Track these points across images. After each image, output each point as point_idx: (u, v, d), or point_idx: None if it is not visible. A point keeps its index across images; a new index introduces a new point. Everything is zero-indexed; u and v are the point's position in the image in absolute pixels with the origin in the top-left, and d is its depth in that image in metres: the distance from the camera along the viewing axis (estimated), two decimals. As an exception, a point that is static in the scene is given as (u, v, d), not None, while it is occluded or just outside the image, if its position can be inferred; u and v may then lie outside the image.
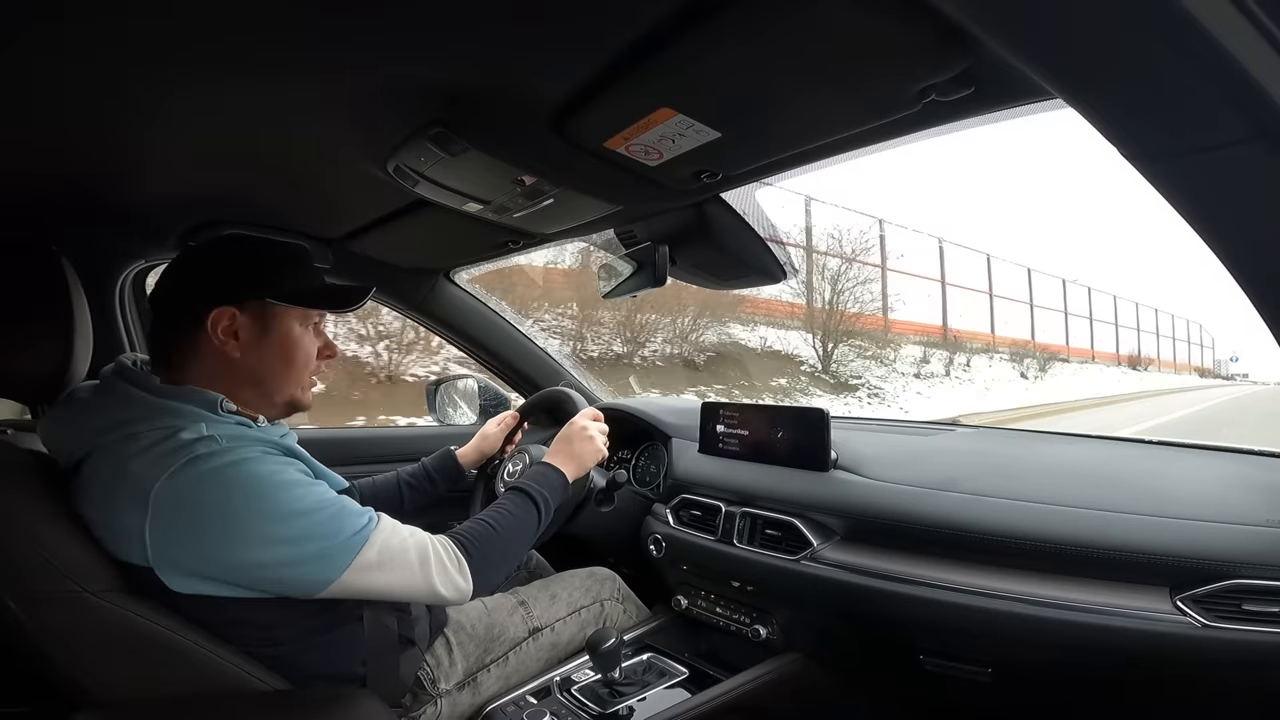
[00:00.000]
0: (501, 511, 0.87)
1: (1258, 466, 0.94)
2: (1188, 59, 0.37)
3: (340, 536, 0.70)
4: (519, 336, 1.61)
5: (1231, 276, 0.49)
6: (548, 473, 0.96)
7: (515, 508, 0.88)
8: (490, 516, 0.86)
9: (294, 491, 0.69)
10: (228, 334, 0.76)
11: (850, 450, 1.11)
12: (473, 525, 0.84)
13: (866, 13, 0.49)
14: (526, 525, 0.88)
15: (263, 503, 0.67)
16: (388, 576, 0.72)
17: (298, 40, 0.55)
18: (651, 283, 1.07)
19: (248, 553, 0.66)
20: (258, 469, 0.68)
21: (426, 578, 0.75)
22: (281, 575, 0.68)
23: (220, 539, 0.66)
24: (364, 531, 0.71)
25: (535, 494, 0.90)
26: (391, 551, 0.73)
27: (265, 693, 0.70)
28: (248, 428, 0.75)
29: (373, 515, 0.74)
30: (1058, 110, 0.58)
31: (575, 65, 0.60)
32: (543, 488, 0.92)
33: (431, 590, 0.75)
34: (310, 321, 0.83)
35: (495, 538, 0.83)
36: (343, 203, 1.03)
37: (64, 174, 0.86)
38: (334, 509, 0.71)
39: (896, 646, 0.96)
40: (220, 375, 0.76)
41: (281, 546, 0.67)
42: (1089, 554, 0.80)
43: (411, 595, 0.77)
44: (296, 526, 0.68)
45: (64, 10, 0.50)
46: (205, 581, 0.67)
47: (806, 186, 10.90)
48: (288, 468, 0.71)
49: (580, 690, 1.05)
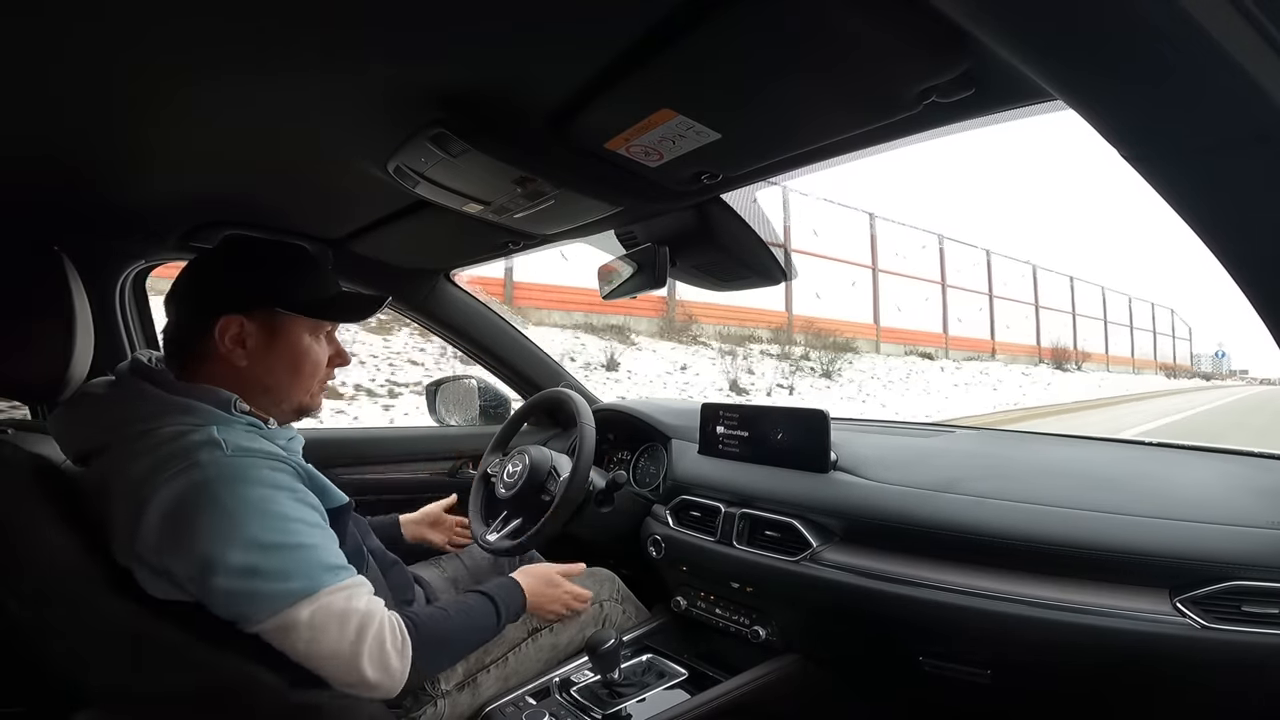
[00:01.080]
0: (463, 606, 0.86)
1: (1258, 468, 0.94)
2: (1188, 59, 0.37)
3: (291, 582, 0.67)
4: (519, 337, 1.61)
5: (1231, 277, 0.49)
6: (515, 591, 0.95)
7: (478, 606, 0.88)
8: (451, 607, 0.85)
9: (278, 523, 0.68)
10: (235, 342, 0.76)
11: (850, 452, 1.11)
12: (430, 610, 0.83)
13: (867, 14, 0.49)
14: (483, 629, 0.87)
15: (242, 526, 0.66)
16: (308, 643, 0.67)
17: (298, 41, 0.56)
18: (651, 284, 1.07)
19: (205, 569, 0.65)
20: (250, 491, 0.67)
21: (355, 651, 0.69)
22: (221, 601, 0.66)
23: (190, 550, 0.65)
24: (316, 583, 0.68)
25: (500, 604, 0.90)
26: (330, 614, 0.68)
27: (265, 692, 0.70)
28: (258, 429, 0.75)
29: (337, 575, 0.70)
30: (1058, 111, 0.58)
31: (576, 66, 0.60)
32: (507, 602, 0.91)
33: (355, 666, 0.69)
34: (322, 330, 0.83)
35: (448, 627, 0.82)
36: (343, 203, 1.03)
37: (66, 175, 0.86)
38: (304, 554, 0.69)
39: (896, 647, 0.96)
40: (229, 380, 0.77)
41: (233, 575, 0.65)
42: (1088, 555, 0.80)
43: (332, 669, 0.69)
44: (261, 557, 0.66)
45: (66, 11, 0.50)
46: (175, 589, 0.67)
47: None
48: (281, 493, 0.70)
49: (580, 691, 1.05)
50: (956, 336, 15.45)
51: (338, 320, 0.84)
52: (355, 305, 0.86)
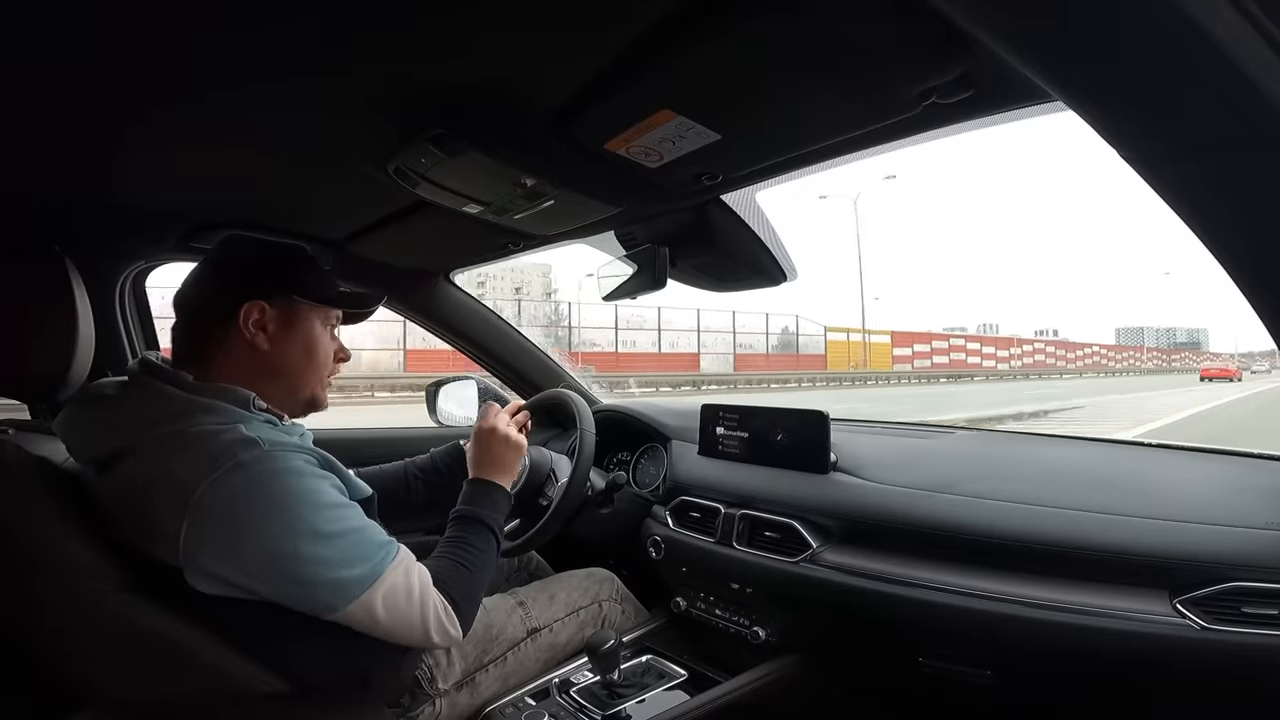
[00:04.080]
0: (471, 551, 0.85)
1: (1257, 469, 0.94)
2: (1187, 60, 0.37)
3: (358, 568, 0.70)
4: (519, 338, 1.61)
5: (1230, 277, 0.50)
6: (491, 493, 0.93)
7: (479, 543, 0.86)
8: (463, 559, 0.84)
9: (331, 512, 0.71)
10: (258, 327, 0.78)
11: (849, 452, 1.11)
12: (451, 571, 0.81)
13: (866, 15, 0.49)
14: (491, 559, 0.88)
15: (302, 519, 0.68)
16: (388, 620, 0.72)
17: (299, 41, 0.56)
18: (651, 285, 1.07)
19: (279, 565, 0.67)
20: (299, 484, 0.69)
21: (424, 619, 0.74)
22: (299, 594, 0.69)
23: (256, 548, 0.66)
24: (380, 564, 0.72)
25: (491, 523, 0.89)
26: (396, 591, 0.72)
27: (266, 692, 0.70)
28: (274, 425, 0.76)
29: (389, 551, 0.74)
30: (1058, 112, 0.58)
31: (576, 66, 0.60)
32: (494, 512, 0.91)
33: (426, 633, 0.75)
34: (329, 323, 0.86)
35: (472, 580, 0.83)
36: (343, 204, 1.04)
37: (67, 176, 0.87)
38: (360, 536, 0.72)
39: (895, 648, 0.96)
40: (248, 369, 0.78)
41: (308, 566, 0.68)
42: (1088, 556, 0.80)
43: (407, 637, 0.75)
44: (328, 548, 0.69)
45: (65, 12, 0.50)
46: (230, 587, 0.68)
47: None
48: (324, 482, 0.72)
49: (579, 692, 1.05)
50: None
51: (349, 309, 0.88)
52: (357, 300, 0.90)
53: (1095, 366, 45.53)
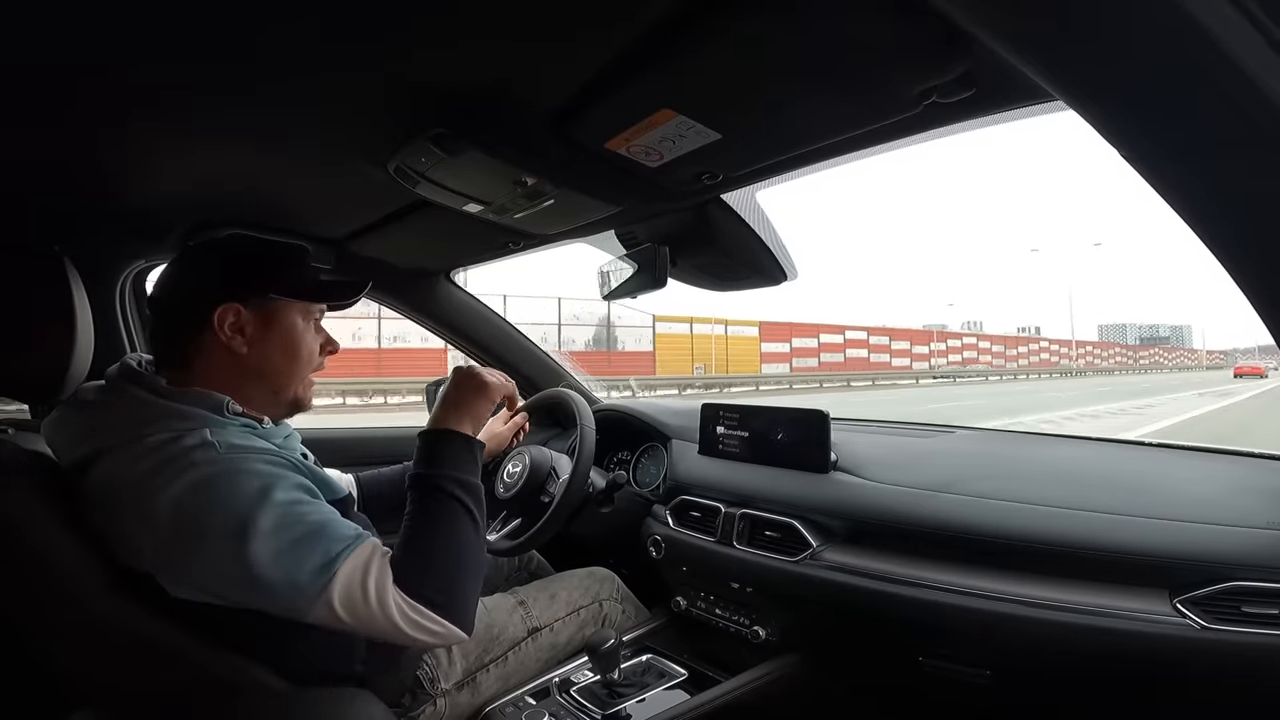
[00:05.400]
0: (433, 530, 0.75)
1: (1257, 469, 0.94)
2: (1188, 59, 0.37)
3: (309, 566, 0.65)
4: (519, 337, 1.61)
5: (1230, 277, 0.49)
6: (450, 444, 0.80)
7: (443, 514, 0.76)
8: (419, 545, 0.74)
9: (286, 510, 0.67)
10: (235, 330, 0.76)
11: (850, 452, 1.11)
12: (409, 561, 0.71)
13: (867, 15, 0.49)
14: (463, 526, 0.76)
15: (252, 520, 0.64)
16: (355, 621, 0.67)
17: (299, 41, 0.56)
18: (652, 285, 1.07)
19: (235, 569, 0.64)
20: (249, 484, 0.66)
21: (389, 619, 0.67)
22: (262, 597, 0.65)
23: (213, 552, 0.64)
24: (336, 561, 0.66)
25: (451, 485, 0.77)
26: (353, 594, 0.66)
27: (265, 692, 0.70)
28: (253, 429, 0.75)
29: (351, 546, 0.68)
30: (1058, 111, 0.58)
31: (576, 66, 0.60)
32: (454, 469, 0.78)
33: (411, 638, 0.69)
34: (311, 316, 0.83)
35: (441, 565, 0.73)
36: (343, 203, 1.03)
37: (67, 176, 0.86)
38: (319, 533, 0.67)
39: (895, 648, 0.96)
40: (226, 373, 0.76)
41: (263, 567, 0.64)
42: (1088, 556, 0.80)
43: (386, 637, 0.69)
44: (280, 545, 0.65)
45: (65, 12, 0.50)
46: (205, 593, 0.67)
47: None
48: (282, 481, 0.69)
49: (579, 691, 1.05)
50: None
51: (327, 301, 0.85)
52: (340, 290, 0.85)
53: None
